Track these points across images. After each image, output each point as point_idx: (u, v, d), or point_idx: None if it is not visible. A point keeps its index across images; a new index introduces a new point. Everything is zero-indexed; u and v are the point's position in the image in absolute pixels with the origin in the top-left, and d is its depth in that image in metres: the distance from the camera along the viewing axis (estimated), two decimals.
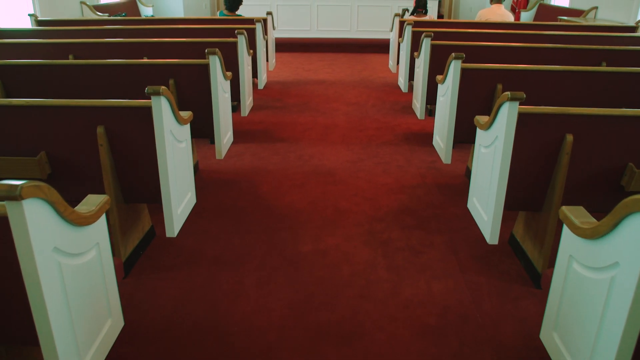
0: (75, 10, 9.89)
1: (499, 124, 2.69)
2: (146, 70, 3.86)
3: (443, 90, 4.10)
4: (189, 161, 3.14)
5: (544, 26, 6.89)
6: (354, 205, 3.90)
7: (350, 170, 4.54)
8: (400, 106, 6.49)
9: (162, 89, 2.55)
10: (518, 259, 3.17)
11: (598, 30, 6.72)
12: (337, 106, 6.48)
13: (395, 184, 4.29)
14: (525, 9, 11.88)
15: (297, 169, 4.57)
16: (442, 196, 4.08)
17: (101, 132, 2.68)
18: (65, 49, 5.14)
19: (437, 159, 4.77)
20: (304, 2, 10.87)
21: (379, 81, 7.90)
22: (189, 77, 3.87)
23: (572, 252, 1.81)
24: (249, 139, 5.26)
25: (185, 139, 3.02)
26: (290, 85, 7.57)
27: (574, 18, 9.32)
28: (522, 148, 2.68)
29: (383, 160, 4.76)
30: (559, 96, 3.85)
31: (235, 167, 4.58)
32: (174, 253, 3.26)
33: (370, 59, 9.72)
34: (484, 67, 3.75)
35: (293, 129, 5.61)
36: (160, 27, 6.24)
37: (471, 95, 3.86)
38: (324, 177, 4.39)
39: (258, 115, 6.05)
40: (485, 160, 2.91)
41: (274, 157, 4.83)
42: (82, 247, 1.77)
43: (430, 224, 3.65)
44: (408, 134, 5.49)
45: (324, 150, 4.99)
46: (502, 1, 7.13)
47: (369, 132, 5.52)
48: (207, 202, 3.93)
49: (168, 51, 5.01)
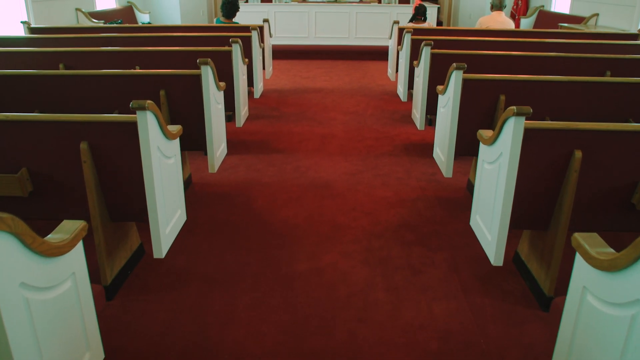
0: (70, 17, 9.78)
1: (504, 140, 2.56)
2: (136, 80, 3.73)
3: (444, 101, 3.97)
4: (178, 177, 3.01)
5: (545, 34, 6.78)
6: (352, 221, 3.77)
7: (348, 183, 4.40)
8: (399, 115, 6.36)
9: (148, 104, 2.42)
10: (523, 279, 3.03)
11: (601, 37, 6.61)
12: (335, 115, 6.35)
13: (394, 197, 4.15)
14: (525, 16, 11.79)
15: (293, 181, 4.43)
16: (443, 210, 3.94)
17: (84, 148, 2.54)
18: (56, 58, 5.01)
19: (437, 171, 4.64)
20: (302, 8, 10.76)
21: (378, 89, 7.78)
22: (181, 88, 3.73)
23: (586, 283, 1.68)
24: (244, 150, 5.12)
25: (174, 155, 2.88)
26: (287, 93, 7.44)
27: (574, 25, 9.22)
28: (528, 165, 2.54)
29: (382, 172, 4.63)
30: (563, 107, 3.72)
31: (229, 180, 4.44)
32: (164, 272, 3.12)
33: (368, 66, 9.61)
34: (487, 77, 3.62)
35: (290, 139, 5.48)
36: (155, 35, 6.11)
37: (473, 107, 3.73)
38: (321, 190, 4.25)
39: (254, 125, 5.91)
40: (489, 176, 2.78)
41: (270, 169, 4.69)
42: (54, 279, 1.63)
43: (430, 240, 3.51)
44: (407, 144, 5.36)
45: (321, 162, 4.85)
46: (502, 8, 7.01)
47: (368, 143, 5.39)
48: (200, 217, 3.79)
49: (161, 60, 4.88)
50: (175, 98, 3.75)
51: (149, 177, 2.59)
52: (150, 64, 4.88)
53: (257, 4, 12.33)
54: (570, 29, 8.69)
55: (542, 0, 11.74)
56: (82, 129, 2.55)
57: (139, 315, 2.75)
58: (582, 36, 6.74)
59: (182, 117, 3.83)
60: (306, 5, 10.73)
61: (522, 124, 2.40)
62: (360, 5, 10.89)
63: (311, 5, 10.72)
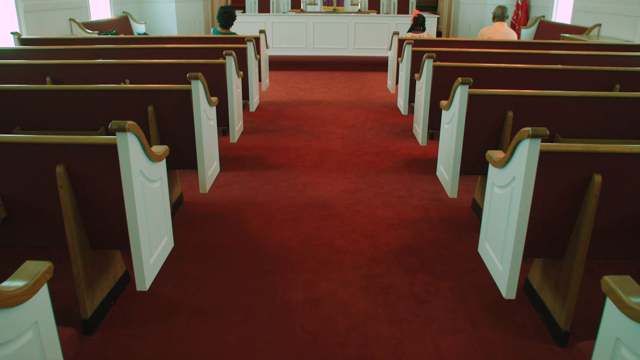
0: (64, 27, 9.61)
1: (517, 163, 2.35)
2: (123, 96, 3.53)
3: (448, 117, 3.77)
4: (164, 202, 2.80)
5: (550, 45, 6.60)
6: (351, 244, 3.55)
7: (347, 202, 4.19)
8: (400, 129, 6.17)
9: (129, 125, 2.21)
10: (535, 310, 2.82)
11: (606, 49, 6.43)
12: (333, 129, 6.16)
13: (396, 217, 3.95)
14: (526, 26, 11.64)
15: (289, 200, 4.22)
16: (447, 232, 3.73)
17: (61, 172, 2.34)
18: (43, 70, 4.82)
19: (440, 189, 4.43)
20: (299, 19, 10.60)
21: (377, 101, 7.59)
22: (170, 104, 3.53)
23: (619, 334, 1.47)
24: (239, 167, 4.92)
25: (160, 177, 2.68)
26: (284, 106, 7.25)
27: (576, 36, 9.07)
28: (543, 190, 2.34)
29: (382, 190, 4.42)
30: (574, 124, 3.52)
31: (222, 199, 4.23)
32: (150, 303, 2.90)
33: (367, 78, 9.43)
34: (493, 92, 3.43)
35: (286, 154, 5.28)
36: (148, 46, 5.93)
37: (479, 123, 3.53)
38: (318, 210, 4.05)
39: (249, 139, 5.71)
40: (500, 202, 2.57)
41: (265, 186, 4.48)
42: (8, 333, 1.42)
43: (435, 265, 3.30)
44: (409, 160, 5.16)
45: (319, 179, 4.65)
46: (505, 19, 6.84)
47: (367, 158, 5.19)
48: (190, 241, 3.58)
49: (153, 74, 4.69)
50: (164, 114, 3.55)
51: (130, 204, 2.38)
52: (141, 77, 4.69)
53: (254, 14, 12.18)
54: (573, 39, 8.53)
55: (542, 10, 11.60)
56: (58, 152, 2.35)
57: (121, 352, 2.53)
58: (587, 47, 6.57)
59: (171, 134, 3.63)
60: (304, 16, 10.57)
61: (537, 147, 2.20)
62: (359, 15, 10.73)
63: (309, 16, 10.56)
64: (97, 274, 2.70)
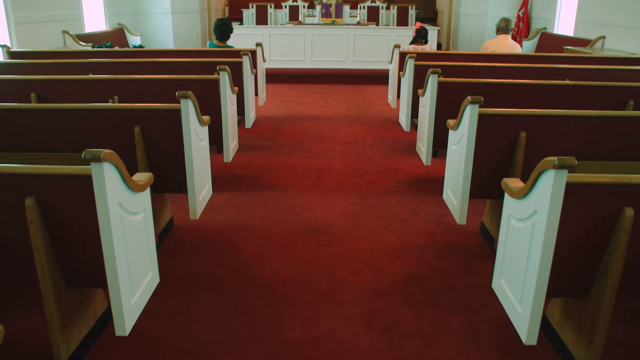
0: (57, 40, 9.40)
1: (539, 196, 2.12)
2: (108, 116, 3.29)
3: (456, 137, 3.54)
4: (148, 235, 2.55)
5: (556, 58, 6.39)
6: (353, 274, 3.31)
7: (348, 227, 3.95)
8: (402, 145, 5.94)
9: (105, 154, 1.98)
10: (554, 351, 2.57)
11: (615, 62, 6.23)
12: (333, 146, 5.92)
13: (399, 244, 3.70)
14: (527, 38, 11.47)
15: (286, 224, 3.98)
16: (455, 260, 3.49)
17: (31, 204, 2.09)
18: (28, 86, 4.60)
19: (445, 212, 4.19)
20: (298, 31, 10.41)
21: (377, 116, 7.37)
22: (158, 124, 3.30)
23: None
24: (234, 187, 4.67)
25: (143, 209, 2.43)
26: (281, 121, 7.02)
27: (580, 48, 8.87)
28: (569, 225, 2.10)
29: (385, 213, 4.18)
30: (592, 145, 3.29)
31: (216, 223, 3.99)
32: (134, 343, 2.64)
33: (367, 91, 9.21)
34: (506, 112, 3.20)
35: (283, 173, 5.04)
36: (141, 60, 5.71)
37: (490, 145, 3.30)
38: (317, 236, 3.80)
39: (245, 157, 5.47)
40: (519, 237, 2.33)
41: (261, 209, 4.24)
42: None
43: (443, 299, 3.05)
44: (412, 179, 4.92)
45: (318, 201, 4.40)
46: (509, 32, 6.64)
47: (368, 178, 4.95)
48: (180, 270, 3.33)
49: (143, 90, 4.47)
50: (151, 135, 3.32)
51: (107, 241, 2.13)
52: (131, 94, 4.47)
53: (252, 27, 12.01)
54: (577, 52, 8.33)
55: (544, 22, 11.43)
56: (28, 183, 2.11)
57: None
58: (595, 61, 6.36)
59: (159, 156, 3.39)
60: (302, 28, 10.38)
61: (563, 180, 1.97)
62: (358, 27, 10.54)
63: (307, 28, 10.37)
64: (74, 315, 2.45)
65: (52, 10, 9.14)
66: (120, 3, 11.84)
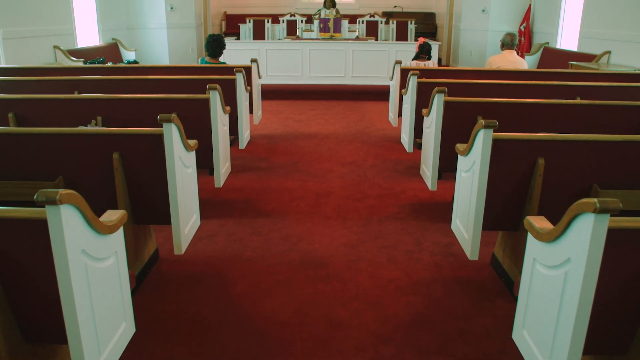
0: (48, 55, 9.14)
1: (574, 242, 1.81)
2: (85, 141, 3.00)
3: (467, 164, 3.24)
4: (120, 282, 2.24)
5: (565, 75, 6.12)
6: (354, 315, 2.99)
7: (348, 259, 3.64)
8: (404, 166, 5.64)
9: (62, 196, 1.67)
10: None
11: (627, 79, 5.96)
12: (331, 167, 5.63)
13: (404, 278, 3.39)
14: (529, 53, 11.24)
15: (281, 256, 3.67)
16: (466, 298, 3.18)
17: None
18: (6, 106, 4.31)
19: (453, 241, 3.89)
20: (295, 46, 10.16)
21: (378, 134, 7.08)
22: (139, 150, 3.00)
23: None
24: (225, 214, 4.37)
25: (114, 252, 2.13)
26: (278, 139, 6.73)
27: (585, 63, 8.63)
28: (608, 276, 1.80)
29: (388, 243, 3.87)
30: (614, 172, 2.99)
31: (204, 254, 3.68)
32: None
33: (367, 108, 8.94)
34: (522, 137, 2.90)
35: (279, 198, 4.73)
36: (130, 77, 5.43)
37: (505, 173, 3.00)
38: (314, 270, 3.49)
39: (238, 179, 5.17)
40: (548, 286, 2.02)
41: (254, 239, 3.93)
42: None
43: (455, 345, 2.74)
44: (415, 204, 4.62)
45: (315, 229, 4.10)
46: (514, 47, 6.38)
47: (369, 202, 4.64)
48: (163, 311, 3.01)
49: (128, 110, 4.19)
50: (132, 162, 3.02)
51: (66, 294, 1.81)
52: (116, 114, 4.18)
53: (247, 42, 11.80)
54: (583, 68, 8.08)
55: (546, 37, 11.21)
56: None
57: None
58: (605, 78, 6.09)
59: (141, 185, 3.09)
60: (300, 43, 10.13)
61: (605, 225, 1.67)
62: (357, 42, 10.30)
63: (305, 43, 10.12)
64: None
65: (43, 24, 8.90)
66: (114, 17, 11.62)
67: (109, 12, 11.36)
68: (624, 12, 8.30)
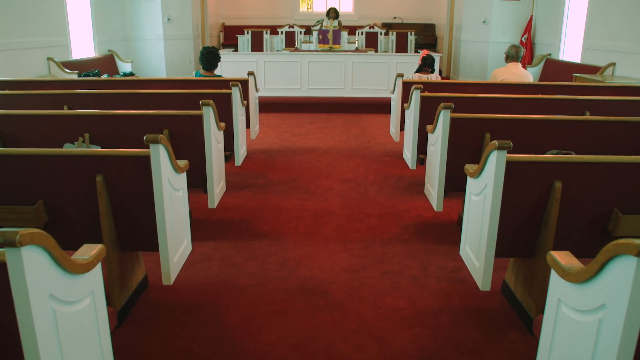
0: (42, 67, 8.95)
1: (610, 286, 1.60)
2: (67, 163, 2.78)
3: (478, 187, 3.02)
4: (99, 325, 2.00)
5: (573, 88, 5.93)
6: (356, 351, 2.76)
7: (349, 286, 3.41)
8: (406, 183, 5.43)
9: (22, 236, 1.45)
10: None
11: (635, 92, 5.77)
12: (331, 184, 5.41)
13: (410, 308, 3.16)
14: (531, 65, 11.07)
15: (278, 283, 3.44)
16: (477, 330, 2.95)
17: None
18: None
19: (460, 265, 3.67)
20: (294, 58, 9.98)
21: (379, 149, 6.87)
22: (124, 173, 2.78)
23: None
24: (220, 235, 4.14)
25: (90, 292, 1.90)
26: (276, 154, 6.52)
27: (589, 75, 8.45)
28: None
29: (391, 268, 3.65)
30: (636, 196, 2.78)
31: (197, 281, 3.45)
32: None
33: (367, 121, 8.75)
34: (538, 159, 2.69)
35: (276, 218, 4.51)
36: (122, 91, 5.22)
37: (519, 197, 2.78)
38: (313, 299, 3.26)
39: (234, 198, 4.95)
40: (578, 332, 1.79)
41: (250, 263, 3.71)
42: None
43: None
44: (419, 224, 4.40)
45: (314, 252, 3.87)
46: (519, 59, 6.19)
47: (371, 222, 4.42)
48: (150, 346, 2.78)
49: (116, 126, 3.98)
50: (117, 186, 2.80)
51: (30, 348, 1.59)
52: (104, 130, 3.98)
53: (245, 54, 11.65)
54: (588, 80, 7.90)
55: (548, 49, 11.05)
56: None
57: None
58: (615, 91, 5.89)
59: (127, 210, 2.87)
60: (298, 55, 9.95)
61: None
62: (357, 54, 10.12)
63: (304, 55, 9.94)
64: None
65: (36, 36, 8.72)
66: (110, 29, 11.45)
67: (105, 23, 11.19)
68: (629, 23, 8.14)
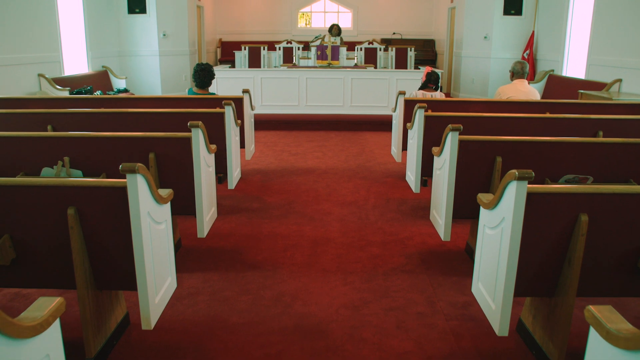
0: (33, 84, 8.71)
1: None
2: (38, 194, 2.48)
3: (494, 219, 2.72)
4: None
5: (582, 106, 5.68)
6: None
7: (350, 325, 3.11)
8: (409, 207, 5.14)
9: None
10: None
11: None
12: (330, 208, 5.12)
13: (418, 353, 2.86)
14: (534, 81, 10.85)
15: (272, 322, 3.14)
16: None
17: None
18: None
19: (470, 300, 3.37)
20: (291, 74, 9.74)
21: (379, 170, 6.59)
22: (98, 205, 2.49)
23: None
24: (210, 266, 3.84)
25: (45, 355, 1.60)
26: (272, 175, 6.24)
27: (594, 92, 8.20)
28: None
29: (396, 304, 3.35)
30: None
31: (183, 319, 3.15)
32: None
33: (366, 139, 8.48)
34: (562, 190, 2.41)
35: (272, 246, 4.21)
36: (109, 110, 4.96)
37: (541, 231, 2.49)
38: (310, 341, 2.96)
39: (226, 223, 4.65)
40: None
41: (242, 298, 3.40)
42: None
43: None
44: (424, 252, 4.10)
45: (312, 286, 3.57)
46: (525, 76, 5.94)
47: (373, 251, 4.13)
48: None
49: (99, 149, 3.70)
50: (90, 219, 2.51)
51: None
52: (86, 153, 3.70)
53: (242, 70, 11.44)
54: (595, 97, 7.65)
55: (551, 64, 10.85)
56: None
57: None
58: (625, 109, 5.64)
59: (102, 245, 2.57)
60: (296, 71, 9.72)
61: None
62: (356, 70, 9.89)
63: (302, 71, 9.71)
64: None
65: (27, 52, 8.49)
66: (104, 44, 11.24)
67: (99, 38, 10.98)
68: (635, 38, 7.92)
